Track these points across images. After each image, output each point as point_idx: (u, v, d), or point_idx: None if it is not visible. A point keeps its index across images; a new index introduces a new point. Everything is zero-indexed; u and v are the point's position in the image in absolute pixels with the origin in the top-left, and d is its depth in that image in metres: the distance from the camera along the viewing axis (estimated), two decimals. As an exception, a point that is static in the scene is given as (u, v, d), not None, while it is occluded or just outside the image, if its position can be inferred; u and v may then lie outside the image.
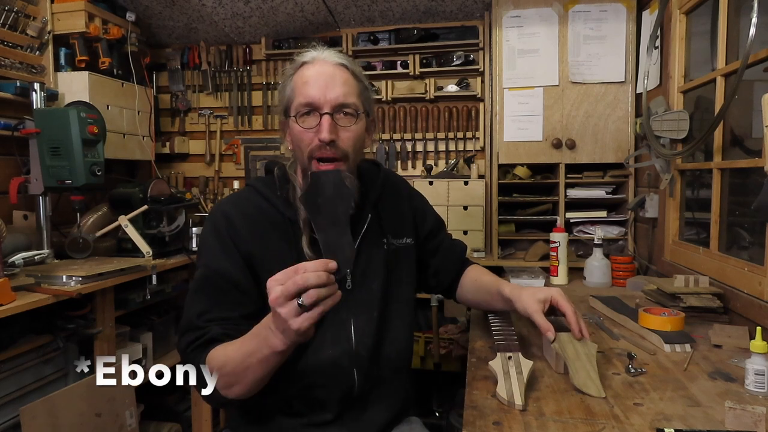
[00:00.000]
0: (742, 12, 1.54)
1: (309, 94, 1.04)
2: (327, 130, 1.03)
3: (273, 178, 1.16)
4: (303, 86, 1.05)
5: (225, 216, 1.10)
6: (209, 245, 1.09)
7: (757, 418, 0.80)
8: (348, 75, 1.08)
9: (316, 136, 1.04)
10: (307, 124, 1.05)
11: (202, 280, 1.07)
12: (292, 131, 1.08)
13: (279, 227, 1.10)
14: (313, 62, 1.08)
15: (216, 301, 1.05)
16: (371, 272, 1.15)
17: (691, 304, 1.42)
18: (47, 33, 2.28)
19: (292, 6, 2.63)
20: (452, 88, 2.74)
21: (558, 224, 2.10)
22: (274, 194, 1.13)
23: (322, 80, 1.05)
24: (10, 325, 1.57)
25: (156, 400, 2.45)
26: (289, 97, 1.08)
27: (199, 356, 0.99)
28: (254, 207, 1.12)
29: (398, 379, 1.20)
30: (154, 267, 2.10)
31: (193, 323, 1.03)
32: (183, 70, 3.05)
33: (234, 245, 1.07)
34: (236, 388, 0.96)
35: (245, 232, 1.08)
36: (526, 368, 1.00)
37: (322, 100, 1.04)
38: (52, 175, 2.03)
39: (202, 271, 1.08)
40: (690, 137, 1.77)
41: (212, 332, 1.01)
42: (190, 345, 1.01)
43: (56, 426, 1.59)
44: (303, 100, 1.05)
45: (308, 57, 1.09)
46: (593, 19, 2.33)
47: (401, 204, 1.29)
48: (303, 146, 1.06)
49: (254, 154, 3.02)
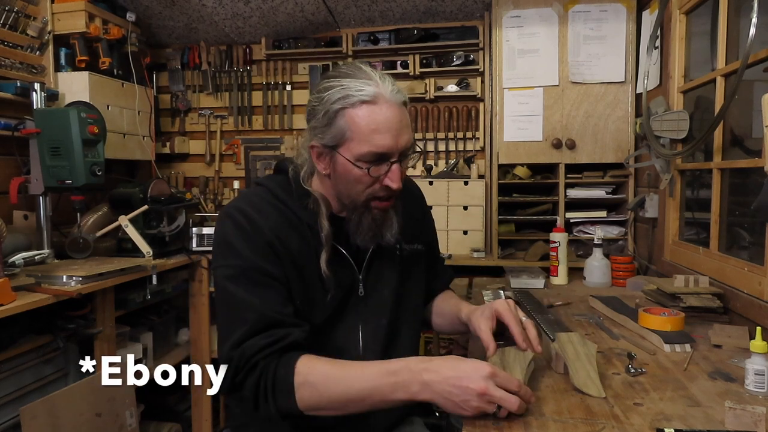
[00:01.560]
0: (742, 12, 1.54)
1: (383, 144, 0.98)
2: (399, 180, 1.00)
3: (286, 179, 1.11)
4: (372, 134, 0.97)
5: (244, 213, 1.04)
6: (237, 245, 1.01)
7: (757, 418, 0.80)
8: (407, 113, 1.02)
9: (379, 183, 1.01)
10: (374, 172, 1.00)
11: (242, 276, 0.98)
12: (345, 170, 1.01)
13: (297, 228, 1.06)
14: (378, 102, 0.98)
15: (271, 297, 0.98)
16: (384, 278, 1.14)
17: (691, 304, 1.42)
18: (47, 33, 2.28)
19: (292, 6, 2.63)
20: (452, 88, 2.74)
21: (558, 224, 2.10)
22: (289, 197, 1.08)
23: (394, 127, 0.98)
24: (10, 325, 1.57)
25: (156, 400, 2.45)
26: (344, 135, 0.99)
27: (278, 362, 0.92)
28: (270, 206, 1.07)
29: None
30: (154, 267, 2.10)
31: (265, 320, 0.94)
32: (183, 70, 3.05)
33: (262, 241, 1.01)
34: (328, 411, 0.91)
35: (267, 226, 1.03)
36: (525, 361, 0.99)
37: (395, 149, 0.99)
38: (52, 175, 2.03)
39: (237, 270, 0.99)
40: (690, 137, 1.77)
41: (295, 335, 0.95)
42: (266, 348, 0.92)
43: (56, 426, 1.59)
44: (375, 150, 0.98)
45: (369, 95, 0.97)
46: (593, 19, 2.33)
47: (416, 208, 1.27)
48: (360, 188, 1.02)
49: (254, 154, 3.02)
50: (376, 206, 1.04)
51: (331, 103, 0.99)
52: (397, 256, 1.17)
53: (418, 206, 1.29)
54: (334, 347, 1.07)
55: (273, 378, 0.91)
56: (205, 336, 2.50)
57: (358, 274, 1.12)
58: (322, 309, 1.07)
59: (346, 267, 1.10)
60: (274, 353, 0.92)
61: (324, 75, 1.06)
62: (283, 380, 0.90)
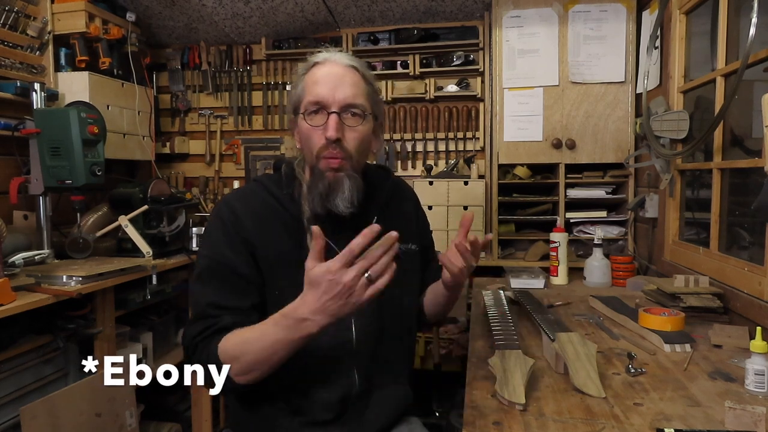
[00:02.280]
0: (742, 12, 1.54)
1: (318, 92, 1.07)
2: (333, 129, 1.05)
3: (280, 176, 1.18)
4: (313, 85, 1.08)
5: (230, 209, 1.11)
6: (214, 237, 1.11)
7: (757, 418, 0.80)
8: (358, 77, 1.10)
9: (323, 135, 1.06)
10: (315, 122, 1.07)
11: (208, 271, 1.08)
12: (300, 129, 1.11)
13: (285, 224, 1.11)
14: (324, 62, 1.10)
15: (225, 291, 1.06)
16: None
17: (691, 304, 1.42)
18: (47, 33, 2.28)
19: (292, 6, 2.63)
20: (452, 88, 2.74)
21: (558, 224, 2.10)
22: (280, 191, 1.14)
23: (332, 80, 1.07)
24: (10, 325, 1.57)
25: (156, 400, 2.45)
26: (300, 95, 1.10)
27: (209, 344, 1.01)
28: (260, 202, 1.13)
29: (398, 382, 1.20)
30: (154, 267, 2.10)
31: (205, 312, 1.05)
32: (183, 70, 3.05)
33: (239, 237, 1.08)
34: (253, 374, 0.98)
35: (250, 226, 1.09)
36: (526, 367, 1.00)
37: (331, 99, 1.06)
38: (52, 175, 2.03)
39: (207, 261, 1.09)
40: (690, 137, 1.77)
41: (223, 321, 1.03)
42: (200, 334, 1.03)
43: (56, 426, 1.59)
44: (312, 99, 1.07)
45: (320, 57, 1.11)
46: (593, 19, 2.34)
47: (408, 210, 1.31)
48: (311, 145, 1.09)
49: (254, 154, 3.02)
50: (323, 166, 1.08)
51: (298, 75, 1.13)
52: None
53: (411, 207, 1.33)
54: (328, 344, 1.09)
55: (207, 359, 1.00)
56: (205, 336, 2.50)
57: None
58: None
59: None
60: (207, 337, 1.02)
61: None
62: (213, 360, 0.99)
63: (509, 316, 1.36)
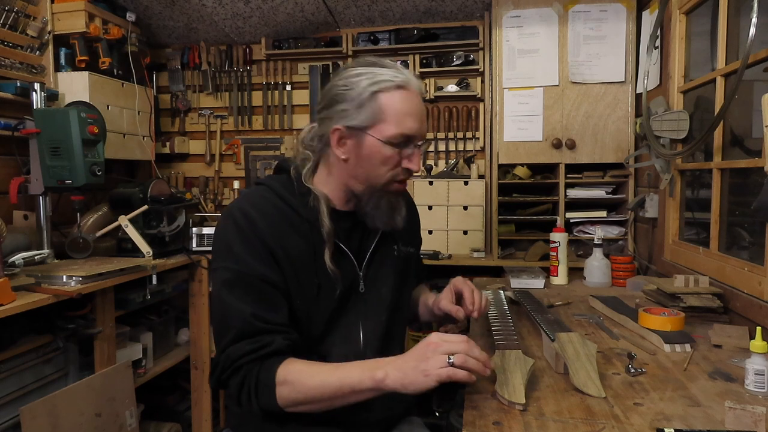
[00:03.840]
0: (742, 12, 1.54)
1: (413, 128, 1.07)
2: (419, 162, 1.10)
3: (288, 178, 1.14)
4: (405, 117, 1.06)
5: (245, 215, 1.06)
6: (235, 246, 1.04)
7: (757, 418, 0.80)
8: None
9: (400, 165, 1.09)
10: (402, 153, 1.08)
11: (237, 281, 1.02)
12: (373, 151, 1.06)
13: (298, 228, 1.08)
14: (409, 89, 1.07)
15: (263, 303, 1.01)
16: (382, 277, 1.18)
17: (691, 304, 1.42)
18: (47, 33, 2.28)
19: (292, 6, 2.63)
20: (452, 88, 2.74)
21: (558, 224, 2.10)
22: (291, 195, 1.11)
23: (421, 115, 1.09)
24: (10, 325, 1.57)
25: (156, 400, 2.45)
26: (377, 117, 1.05)
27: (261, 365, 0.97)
28: (272, 206, 1.09)
29: None
30: (154, 267, 2.10)
31: (251, 327, 0.99)
32: (183, 70, 3.05)
33: (261, 244, 1.04)
34: (306, 406, 0.98)
35: (267, 231, 1.05)
36: (526, 367, 1.00)
37: (420, 135, 1.09)
38: (52, 175, 2.03)
39: (233, 274, 1.03)
40: (690, 137, 1.77)
41: (277, 344, 0.99)
42: (250, 354, 0.98)
43: (56, 426, 1.59)
44: (406, 132, 1.06)
45: (402, 81, 1.06)
46: (593, 19, 2.33)
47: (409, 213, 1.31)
48: (385, 169, 1.08)
49: (254, 154, 3.02)
50: (394, 189, 1.12)
51: (364, 86, 1.05)
52: (395, 256, 1.21)
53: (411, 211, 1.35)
54: (337, 343, 1.10)
55: (255, 381, 0.97)
56: (205, 336, 2.50)
57: (359, 270, 1.15)
58: (325, 305, 1.09)
59: (347, 263, 1.13)
60: (257, 359, 0.98)
61: (347, 66, 1.12)
62: (265, 382, 0.96)
63: (509, 316, 1.36)
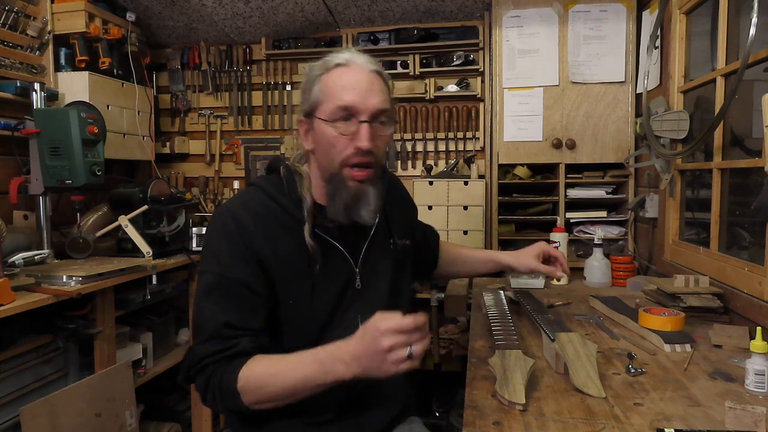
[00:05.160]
0: (742, 12, 1.54)
1: (348, 99, 1.02)
2: (368, 139, 1.02)
3: (279, 178, 1.13)
4: (340, 90, 1.02)
5: (234, 218, 1.06)
6: (220, 250, 1.05)
7: (757, 418, 0.80)
8: (383, 83, 1.07)
9: (351, 144, 1.02)
10: (343, 129, 1.03)
11: (217, 286, 1.03)
12: (321, 134, 1.05)
13: (290, 230, 1.08)
14: (349, 66, 1.04)
15: (237, 310, 1.02)
16: (379, 272, 1.17)
17: (691, 304, 1.41)
18: (47, 33, 2.28)
19: (292, 6, 2.63)
20: (452, 88, 2.74)
21: (558, 224, 2.10)
22: (281, 194, 1.11)
23: (362, 86, 1.03)
24: (10, 325, 1.57)
25: (156, 400, 2.45)
26: (318, 98, 1.05)
27: (225, 367, 0.98)
28: (262, 207, 1.09)
29: (399, 380, 1.19)
30: (154, 267, 2.10)
31: (221, 332, 1.00)
32: (183, 70, 3.05)
33: (247, 249, 1.04)
34: (270, 405, 0.98)
35: (256, 234, 1.05)
36: (526, 367, 1.00)
37: (362, 107, 1.02)
38: (52, 175, 2.03)
39: (216, 278, 1.04)
40: (690, 137, 1.77)
41: (242, 345, 0.99)
42: (214, 354, 0.99)
43: (56, 426, 1.59)
44: (341, 104, 1.02)
45: (342, 59, 1.05)
46: (593, 19, 2.34)
47: (404, 205, 1.32)
48: (335, 152, 1.04)
49: (254, 154, 3.02)
50: (351, 176, 1.05)
51: (313, 75, 1.07)
52: (391, 250, 1.21)
53: (405, 203, 1.34)
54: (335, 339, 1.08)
55: (219, 383, 0.98)
56: (205, 336, 2.50)
57: (355, 267, 1.14)
58: (321, 303, 1.08)
59: (342, 261, 1.12)
60: (222, 360, 0.99)
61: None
62: (227, 386, 0.97)
63: (509, 316, 1.36)
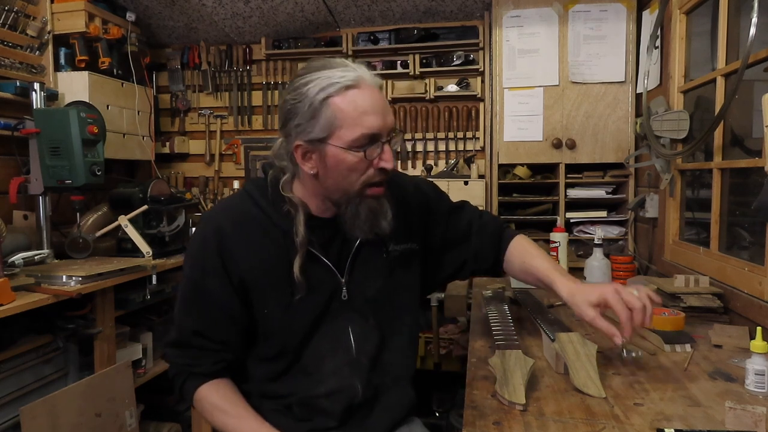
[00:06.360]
0: (742, 12, 1.54)
1: (374, 125, 0.97)
2: (392, 159, 1.01)
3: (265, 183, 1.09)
4: (362, 117, 0.97)
5: (215, 226, 1.05)
6: (196, 258, 1.07)
7: (757, 418, 0.80)
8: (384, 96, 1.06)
9: (372, 165, 1.00)
10: (369, 154, 0.99)
11: (191, 293, 1.08)
12: (336, 159, 0.99)
13: (273, 240, 1.05)
14: (361, 86, 0.98)
15: (206, 319, 1.06)
16: (368, 280, 1.12)
17: (692, 304, 1.41)
18: (47, 33, 2.28)
19: (292, 6, 2.63)
20: (452, 88, 2.74)
21: (558, 224, 2.10)
22: (267, 202, 1.07)
23: (379, 107, 0.99)
24: (10, 325, 1.57)
25: (156, 400, 2.45)
26: (333, 124, 0.97)
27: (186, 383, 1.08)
28: (245, 215, 1.06)
29: (401, 386, 1.17)
30: (154, 267, 2.10)
31: (190, 340, 1.07)
32: (183, 70, 3.05)
33: (221, 262, 1.03)
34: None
35: (236, 243, 1.03)
36: (526, 367, 1.00)
37: (384, 129, 0.99)
38: (52, 175, 2.03)
39: (191, 285, 1.07)
40: (690, 137, 1.77)
41: (203, 366, 1.06)
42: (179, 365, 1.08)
43: (56, 426, 1.59)
44: (367, 132, 0.97)
45: (351, 80, 0.97)
46: (593, 19, 2.34)
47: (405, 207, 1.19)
48: (355, 176, 1.00)
49: (254, 154, 3.02)
50: (371, 194, 1.03)
51: (313, 95, 0.97)
52: (384, 258, 1.13)
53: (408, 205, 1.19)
54: (324, 349, 1.07)
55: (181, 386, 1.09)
56: (205, 336, 2.50)
57: (341, 278, 1.09)
58: (302, 313, 1.06)
59: (326, 272, 1.08)
60: (183, 373, 1.08)
61: (296, 74, 1.04)
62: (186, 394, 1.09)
63: (509, 316, 1.36)
